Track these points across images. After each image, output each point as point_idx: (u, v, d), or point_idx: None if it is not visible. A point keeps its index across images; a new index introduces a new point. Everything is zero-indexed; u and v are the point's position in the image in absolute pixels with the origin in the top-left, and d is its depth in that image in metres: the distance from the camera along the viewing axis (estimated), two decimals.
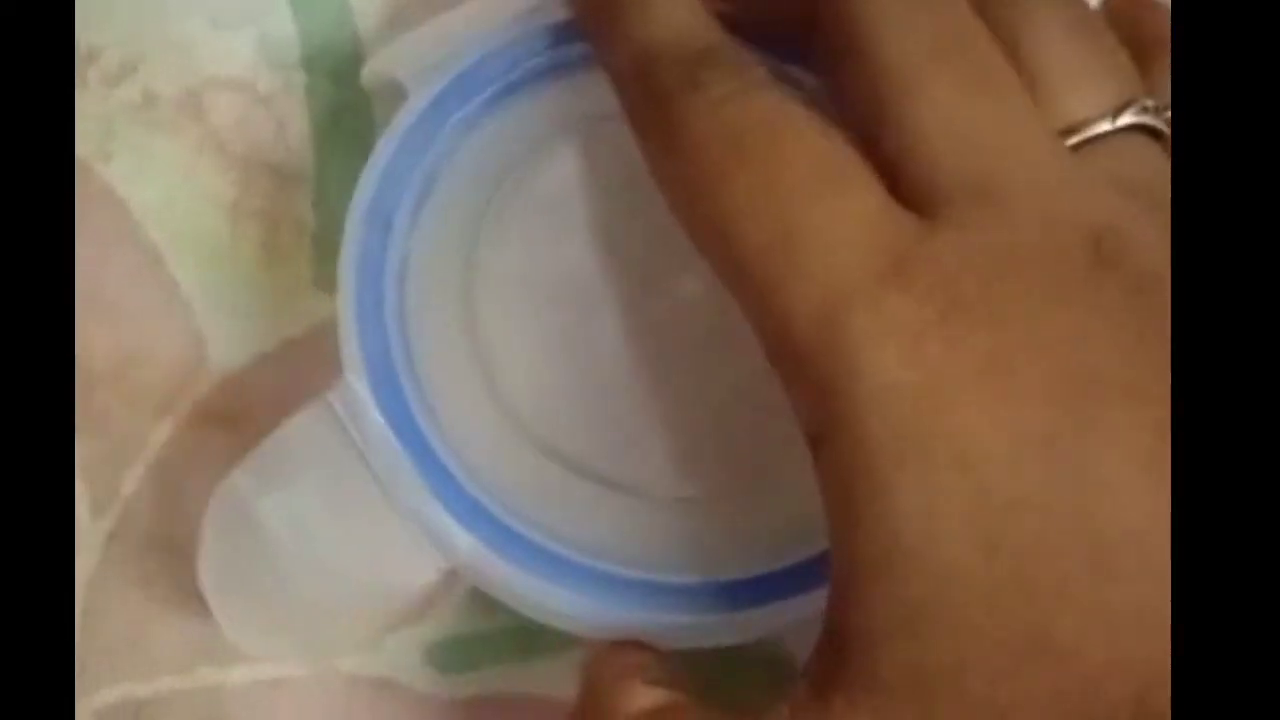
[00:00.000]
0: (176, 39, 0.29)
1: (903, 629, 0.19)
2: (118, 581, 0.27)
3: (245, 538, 0.24)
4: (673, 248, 0.25)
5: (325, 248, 0.29)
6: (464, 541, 0.23)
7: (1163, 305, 0.19)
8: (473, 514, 0.23)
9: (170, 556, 0.27)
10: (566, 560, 0.23)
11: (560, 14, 0.26)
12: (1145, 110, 0.21)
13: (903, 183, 0.20)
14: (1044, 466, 0.19)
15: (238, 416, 0.28)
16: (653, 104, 0.22)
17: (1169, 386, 0.19)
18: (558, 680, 0.28)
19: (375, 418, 0.23)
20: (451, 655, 0.28)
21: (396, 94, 0.26)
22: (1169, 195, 0.21)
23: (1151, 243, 0.20)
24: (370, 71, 0.27)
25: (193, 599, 0.27)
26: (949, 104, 0.20)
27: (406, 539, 0.23)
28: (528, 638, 0.27)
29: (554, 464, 0.24)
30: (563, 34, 0.26)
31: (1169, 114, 0.22)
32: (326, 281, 0.29)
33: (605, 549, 0.23)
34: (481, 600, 0.24)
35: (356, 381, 0.23)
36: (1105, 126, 0.21)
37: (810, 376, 0.20)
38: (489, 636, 0.28)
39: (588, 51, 0.25)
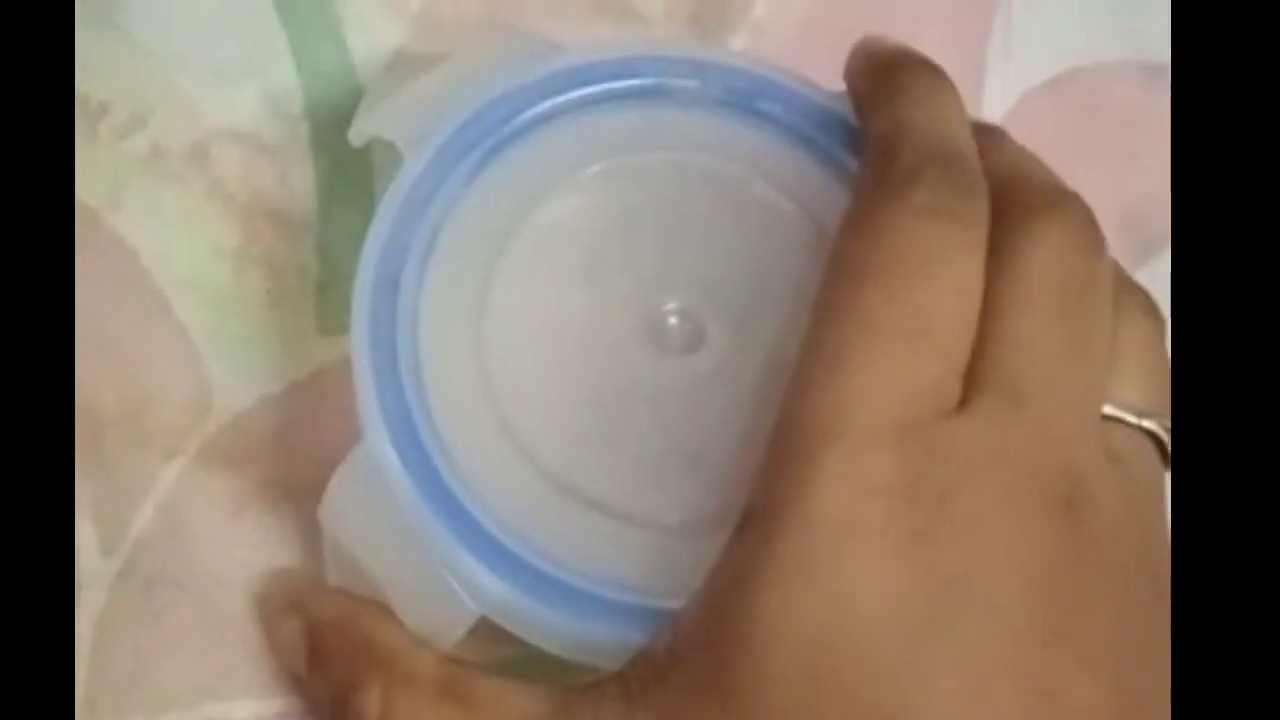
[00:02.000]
0: (183, 92, 0.30)
1: (719, 693, 0.21)
2: (126, 619, 0.28)
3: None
4: (674, 284, 0.26)
5: (329, 293, 0.29)
6: (495, 588, 0.23)
7: (1098, 565, 0.21)
8: (501, 560, 0.23)
9: (178, 594, 0.28)
10: (591, 595, 0.23)
11: (543, 69, 0.27)
12: (1164, 426, 0.23)
13: (980, 359, 0.22)
14: (900, 648, 0.20)
15: (244, 457, 0.28)
16: (881, 173, 0.23)
17: (1066, 635, 0.20)
18: None
19: (399, 475, 0.24)
20: None
21: (390, 148, 0.26)
22: (1151, 488, 0.23)
23: (1113, 508, 0.22)
24: (357, 133, 0.28)
25: (200, 635, 0.28)
26: (1047, 340, 0.22)
27: (444, 585, 0.24)
28: (533, 666, 0.28)
29: (572, 501, 0.24)
30: (550, 87, 0.27)
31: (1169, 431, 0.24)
32: (330, 326, 0.29)
33: (629, 582, 0.23)
34: (487, 630, 0.24)
35: (378, 440, 0.24)
36: (1130, 418, 0.23)
37: (778, 459, 0.22)
38: (494, 667, 0.28)
39: (576, 102, 0.26)
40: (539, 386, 0.25)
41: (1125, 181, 0.33)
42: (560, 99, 0.27)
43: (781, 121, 0.27)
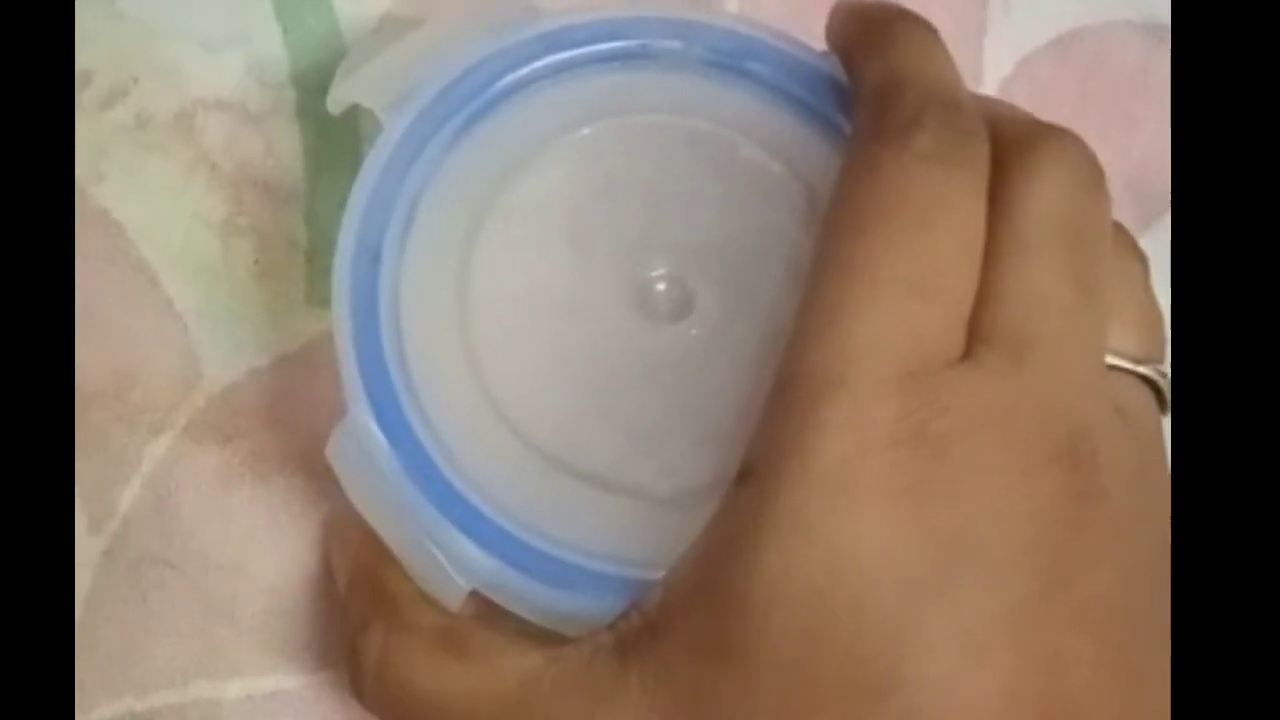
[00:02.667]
0: (167, 61, 0.30)
1: (714, 651, 0.21)
2: (115, 597, 0.27)
3: None
4: (661, 250, 0.25)
5: (317, 264, 0.29)
6: (483, 562, 0.23)
7: (1099, 521, 0.21)
8: (489, 534, 0.23)
9: (167, 572, 0.27)
10: (581, 568, 0.23)
11: (523, 32, 0.26)
12: (1160, 373, 0.23)
13: (981, 311, 0.22)
14: (898, 605, 0.20)
15: (233, 432, 0.28)
16: (877, 123, 0.23)
17: (1067, 593, 0.20)
18: None
19: (385, 452, 0.23)
20: None
21: (374, 115, 0.26)
22: (1154, 440, 0.23)
23: (1117, 462, 0.21)
24: (334, 100, 0.27)
25: (189, 613, 0.27)
26: (1053, 290, 0.22)
27: (434, 560, 0.23)
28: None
29: (560, 473, 0.24)
30: (531, 51, 0.26)
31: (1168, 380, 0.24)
32: (319, 297, 0.29)
33: (620, 554, 0.23)
34: (476, 608, 0.24)
35: (361, 415, 0.23)
36: (1128, 365, 0.23)
37: (778, 413, 0.21)
38: None
39: (557, 65, 0.26)
40: (524, 356, 0.25)
41: (1129, 145, 0.32)
42: (541, 63, 0.26)
43: (768, 82, 0.26)
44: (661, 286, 0.25)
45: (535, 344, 0.25)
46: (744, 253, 0.25)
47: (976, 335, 0.21)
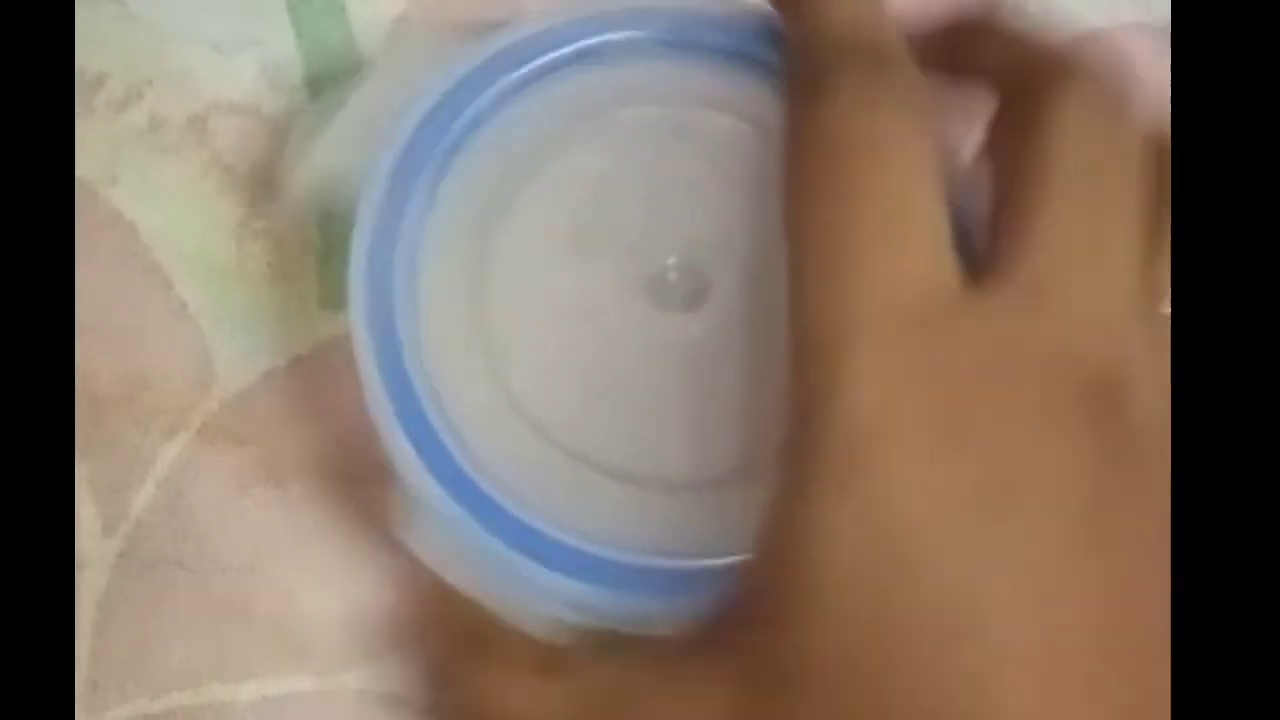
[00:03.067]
0: (180, 64, 0.30)
1: (791, 627, 0.20)
2: (129, 600, 0.27)
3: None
4: (667, 241, 0.25)
5: (331, 266, 0.29)
6: (560, 584, 0.23)
7: (1133, 459, 0.20)
8: (559, 556, 0.23)
9: (181, 574, 0.27)
10: (616, 563, 0.23)
11: (475, 57, 0.26)
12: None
13: (1001, 251, 0.21)
14: (952, 549, 0.20)
15: (247, 434, 0.28)
16: (804, 78, 0.23)
17: (1112, 526, 0.20)
18: None
19: (450, 510, 0.23)
20: None
21: None
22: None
23: (1147, 396, 0.21)
24: (296, 189, 0.27)
25: (203, 615, 0.27)
26: (1074, 228, 0.21)
27: (516, 593, 0.23)
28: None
29: (586, 469, 0.24)
30: (573, 29, 0.26)
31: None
32: (333, 299, 0.29)
33: (651, 546, 0.23)
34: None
35: (425, 490, 0.23)
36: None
37: (797, 381, 0.21)
38: None
39: (604, 43, 0.26)
40: (542, 356, 0.25)
41: None
42: (585, 43, 0.26)
43: (732, 50, 0.26)
44: (673, 277, 0.25)
45: (552, 343, 0.25)
46: (749, 233, 0.25)
47: (996, 273, 0.21)
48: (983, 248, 0.22)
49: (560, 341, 0.25)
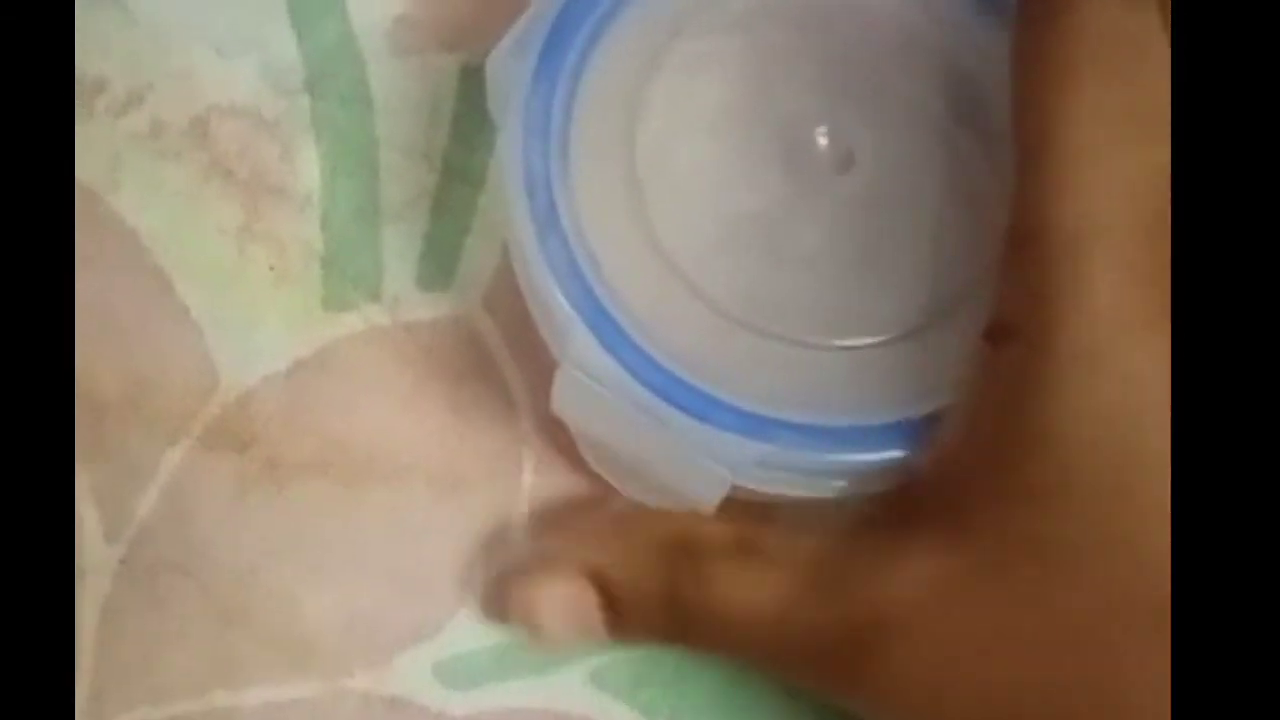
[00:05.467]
0: (181, 68, 0.30)
1: (1023, 494, 0.21)
2: (132, 605, 0.27)
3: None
4: (840, 98, 0.26)
5: (333, 269, 0.29)
6: (747, 447, 0.23)
7: None
8: (734, 419, 0.23)
9: (184, 580, 0.27)
10: (766, 418, 0.23)
11: None
12: None
13: None
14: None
15: (249, 439, 0.28)
16: None
17: None
18: (566, 694, 0.27)
19: (613, 370, 0.23)
20: (460, 672, 0.28)
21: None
22: None
23: None
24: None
25: (206, 621, 0.27)
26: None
27: (693, 460, 0.23)
28: (536, 652, 0.27)
29: (752, 335, 0.24)
30: None
31: None
32: (335, 302, 0.29)
33: (830, 405, 0.23)
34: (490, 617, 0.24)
35: (585, 350, 0.23)
36: None
37: (1033, 267, 0.21)
38: (497, 653, 0.28)
39: None
40: (699, 222, 0.25)
41: None
42: None
43: None
44: (823, 141, 0.25)
45: (708, 208, 0.25)
46: (895, 101, 0.26)
47: None
48: None
49: (714, 206, 0.25)
